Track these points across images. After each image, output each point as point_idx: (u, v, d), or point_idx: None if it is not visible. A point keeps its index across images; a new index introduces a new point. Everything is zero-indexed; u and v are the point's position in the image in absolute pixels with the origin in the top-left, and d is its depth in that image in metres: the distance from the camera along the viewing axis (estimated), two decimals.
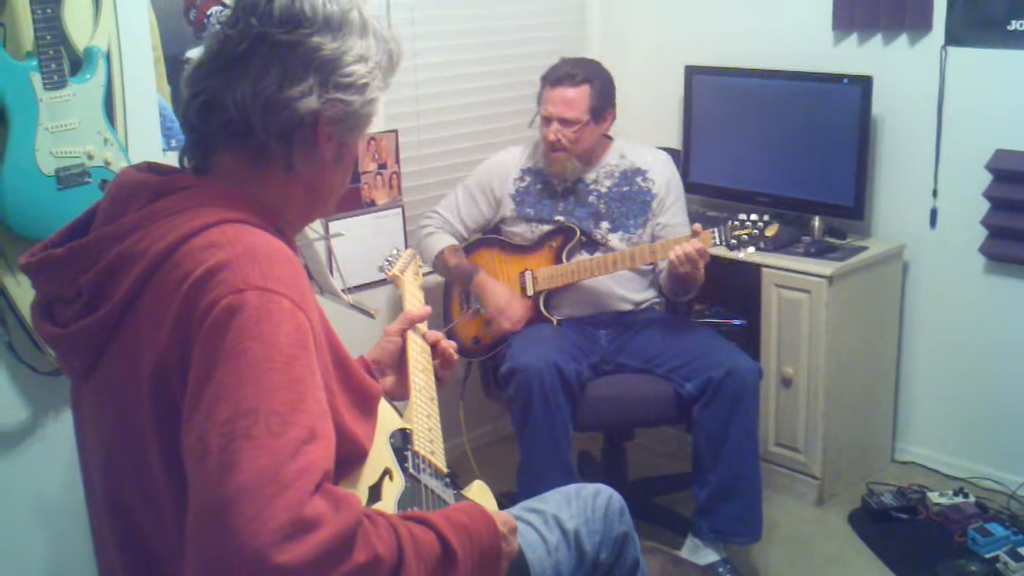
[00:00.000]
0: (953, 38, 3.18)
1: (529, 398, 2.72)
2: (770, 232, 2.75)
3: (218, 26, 1.38)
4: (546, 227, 3.08)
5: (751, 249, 2.77)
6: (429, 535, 1.31)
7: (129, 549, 1.35)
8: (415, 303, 2.06)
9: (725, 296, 2.99)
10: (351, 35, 1.37)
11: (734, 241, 2.76)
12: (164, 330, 1.22)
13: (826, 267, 3.13)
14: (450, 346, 1.92)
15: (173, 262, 1.25)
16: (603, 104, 3.01)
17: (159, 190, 1.34)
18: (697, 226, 2.77)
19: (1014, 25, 3.04)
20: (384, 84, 1.43)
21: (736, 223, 2.77)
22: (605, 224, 3.05)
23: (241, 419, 1.13)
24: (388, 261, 2.32)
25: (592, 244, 3.06)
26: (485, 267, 3.09)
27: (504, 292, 3.03)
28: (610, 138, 3.14)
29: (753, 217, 2.77)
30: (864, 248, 3.30)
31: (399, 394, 1.81)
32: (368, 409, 1.46)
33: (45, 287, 1.38)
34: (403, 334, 1.88)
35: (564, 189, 3.09)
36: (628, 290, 3.08)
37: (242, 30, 1.34)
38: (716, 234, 2.76)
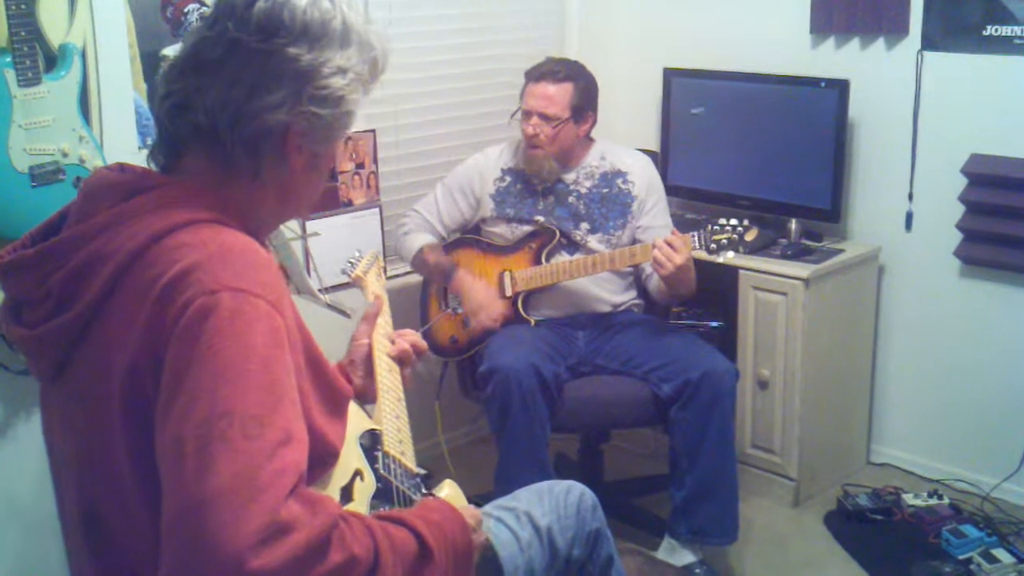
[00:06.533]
0: (929, 43, 3.20)
1: (507, 399, 2.71)
2: (749, 236, 2.75)
3: (199, 25, 1.35)
4: (526, 227, 3.07)
5: (730, 254, 2.78)
6: (404, 533, 1.31)
7: (101, 556, 1.33)
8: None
9: (702, 298, 3.00)
10: (330, 46, 1.33)
11: (713, 245, 2.76)
12: (136, 332, 1.21)
13: (802, 269, 3.15)
14: (411, 344, 1.91)
15: (144, 263, 1.24)
16: (584, 104, 3.01)
17: (129, 189, 1.32)
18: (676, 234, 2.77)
19: (990, 30, 3.06)
20: (364, 93, 1.40)
21: (716, 227, 2.77)
22: (584, 225, 3.05)
23: (217, 421, 1.12)
24: (351, 263, 2.31)
25: (572, 245, 3.05)
26: (464, 267, 3.08)
27: (483, 289, 3.02)
28: (592, 140, 3.14)
29: (733, 222, 2.77)
30: (840, 251, 3.32)
31: (372, 396, 1.80)
32: (339, 410, 1.45)
33: (14, 289, 1.36)
34: (369, 335, 1.88)
35: (544, 189, 3.09)
36: (607, 292, 3.08)
37: (219, 34, 1.31)
38: (696, 238, 2.76)
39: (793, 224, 3.41)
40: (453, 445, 3.46)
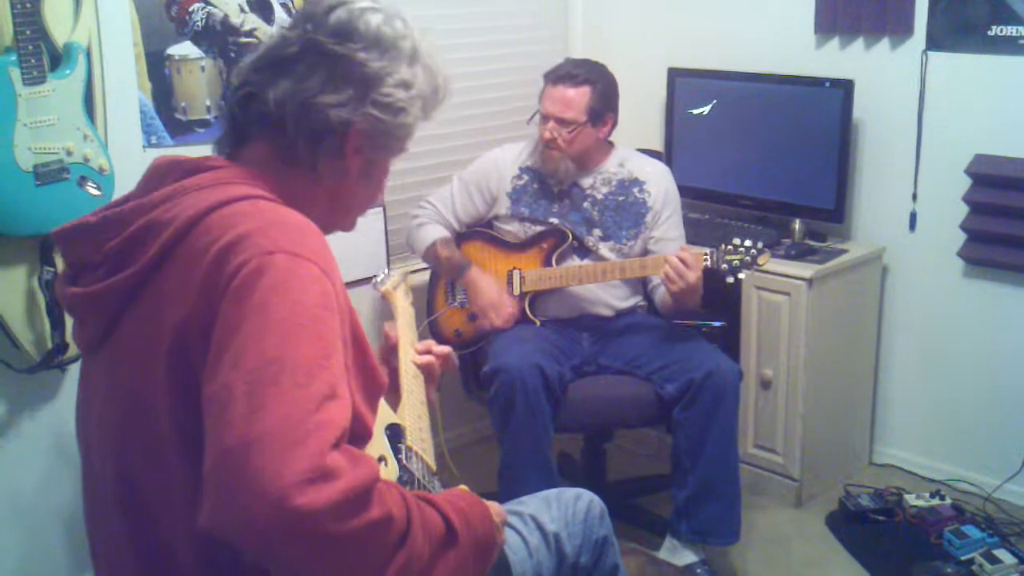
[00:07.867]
0: (934, 43, 3.20)
1: (511, 399, 2.71)
2: (762, 260, 2.74)
3: (280, 28, 1.46)
4: (538, 227, 3.07)
5: (742, 275, 2.78)
6: (433, 513, 1.34)
7: (136, 525, 1.35)
8: (405, 317, 2.10)
9: (706, 298, 3.00)
10: (398, 60, 1.43)
11: (725, 266, 2.75)
12: (189, 295, 1.24)
13: (806, 270, 3.15)
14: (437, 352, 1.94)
15: (201, 229, 1.29)
16: (602, 107, 2.98)
17: (191, 168, 1.39)
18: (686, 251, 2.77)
19: (995, 31, 3.06)
20: (423, 115, 1.49)
21: (730, 247, 2.76)
22: (597, 231, 3.04)
23: (268, 367, 1.15)
24: (380, 278, 2.38)
25: (583, 250, 3.05)
26: (474, 261, 3.07)
27: (495, 288, 3.01)
28: (612, 145, 3.12)
29: (747, 243, 2.75)
30: (844, 251, 3.32)
31: (394, 405, 1.82)
32: (374, 395, 1.48)
33: (73, 253, 1.42)
34: (393, 360, 1.89)
35: (560, 191, 3.08)
36: (613, 297, 3.07)
37: (298, 34, 1.42)
38: (708, 258, 2.76)
39: (797, 224, 3.41)
40: (455, 444, 3.46)
